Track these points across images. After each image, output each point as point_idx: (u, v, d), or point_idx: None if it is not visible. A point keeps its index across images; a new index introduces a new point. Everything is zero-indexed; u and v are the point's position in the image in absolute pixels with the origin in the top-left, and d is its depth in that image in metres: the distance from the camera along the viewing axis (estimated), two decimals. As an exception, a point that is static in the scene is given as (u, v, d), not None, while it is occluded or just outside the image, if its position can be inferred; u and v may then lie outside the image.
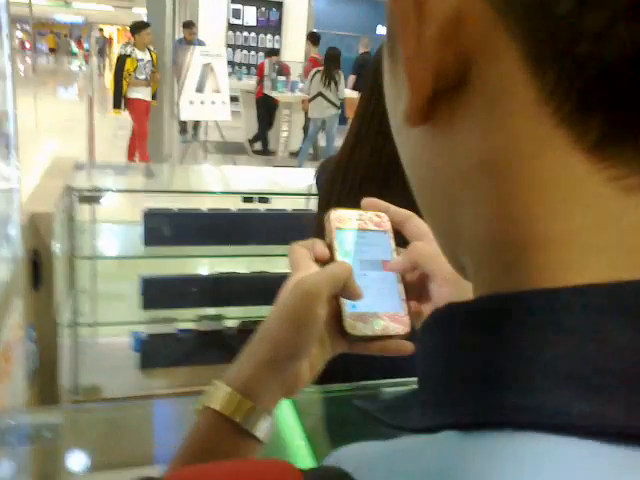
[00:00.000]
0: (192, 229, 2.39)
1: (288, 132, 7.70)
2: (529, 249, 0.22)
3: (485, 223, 0.24)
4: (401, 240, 0.56)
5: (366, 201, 0.57)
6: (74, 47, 21.95)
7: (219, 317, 2.56)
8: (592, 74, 0.19)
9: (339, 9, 11.98)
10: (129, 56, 5.86)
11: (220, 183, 2.97)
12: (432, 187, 0.27)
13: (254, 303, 2.48)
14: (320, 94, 6.78)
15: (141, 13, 20.69)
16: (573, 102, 0.20)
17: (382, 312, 0.52)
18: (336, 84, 6.75)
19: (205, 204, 2.44)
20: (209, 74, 6.18)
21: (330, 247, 0.53)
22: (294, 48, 9.38)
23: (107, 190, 2.20)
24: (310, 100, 6.90)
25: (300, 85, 7.73)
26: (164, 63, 6.20)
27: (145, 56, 5.95)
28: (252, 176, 3.33)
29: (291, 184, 2.82)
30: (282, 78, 7.52)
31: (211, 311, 2.56)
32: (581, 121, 0.20)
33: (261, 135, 8.04)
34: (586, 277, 0.20)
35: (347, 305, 0.50)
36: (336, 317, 0.50)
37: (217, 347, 2.53)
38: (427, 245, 0.53)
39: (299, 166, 6.93)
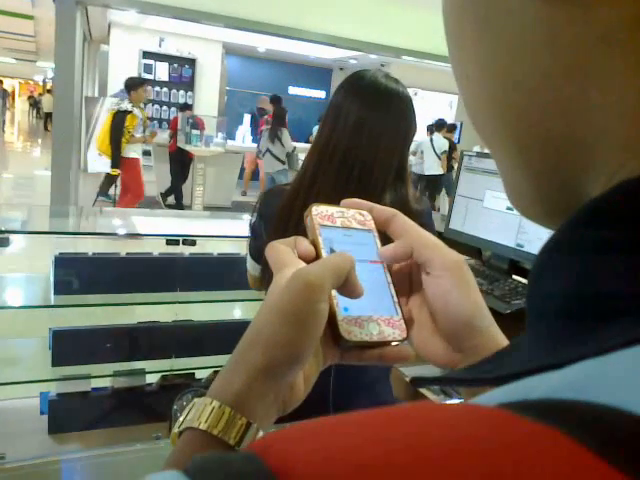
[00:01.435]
0: (109, 275, 2.21)
1: (203, 186, 7.60)
2: None
3: None
4: (386, 242, 0.51)
5: (347, 201, 0.50)
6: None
7: (138, 372, 2.34)
8: None
9: (251, 68, 12.24)
10: (130, 112, 5.58)
11: (140, 226, 2.81)
12: (549, 74, 0.23)
13: (177, 355, 2.31)
14: (268, 150, 7.04)
15: (45, 66, 20.14)
16: None
17: (377, 316, 0.45)
18: (280, 140, 6.99)
19: (125, 248, 2.28)
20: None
21: (315, 244, 0.46)
22: (206, 104, 9.46)
23: (13, 232, 2.00)
24: (262, 156, 7.22)
25: (215, 139, 7.71)
26: (73, 116, 5.93)
27: (139, 113, 5.75)
28: (173, 222, 3.18)
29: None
30: (196, 132, 7.47)
31: (130, 365, 2.34)
32: None
33: (175, 189, 7.87)
34: None
35: (339, 308, 0.43)
36: (327, 321, 0.42)
37: (137, 405, 2.31)
38: (424, 232, 0.46)
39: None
